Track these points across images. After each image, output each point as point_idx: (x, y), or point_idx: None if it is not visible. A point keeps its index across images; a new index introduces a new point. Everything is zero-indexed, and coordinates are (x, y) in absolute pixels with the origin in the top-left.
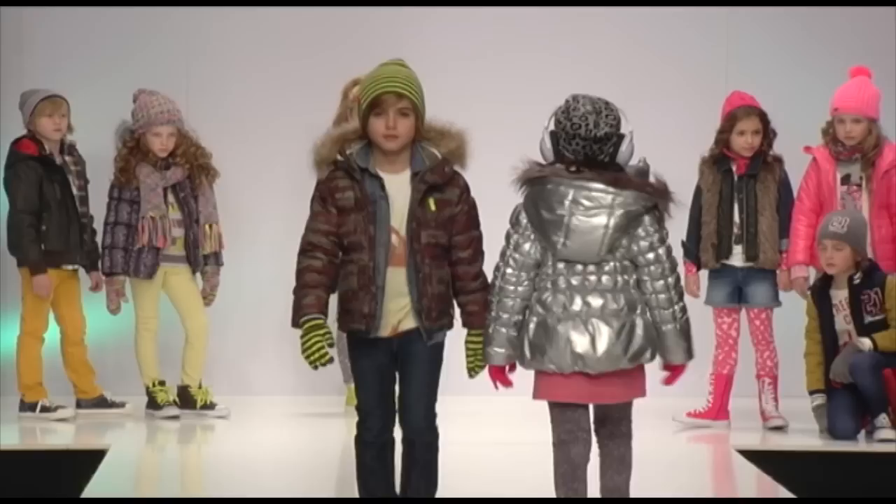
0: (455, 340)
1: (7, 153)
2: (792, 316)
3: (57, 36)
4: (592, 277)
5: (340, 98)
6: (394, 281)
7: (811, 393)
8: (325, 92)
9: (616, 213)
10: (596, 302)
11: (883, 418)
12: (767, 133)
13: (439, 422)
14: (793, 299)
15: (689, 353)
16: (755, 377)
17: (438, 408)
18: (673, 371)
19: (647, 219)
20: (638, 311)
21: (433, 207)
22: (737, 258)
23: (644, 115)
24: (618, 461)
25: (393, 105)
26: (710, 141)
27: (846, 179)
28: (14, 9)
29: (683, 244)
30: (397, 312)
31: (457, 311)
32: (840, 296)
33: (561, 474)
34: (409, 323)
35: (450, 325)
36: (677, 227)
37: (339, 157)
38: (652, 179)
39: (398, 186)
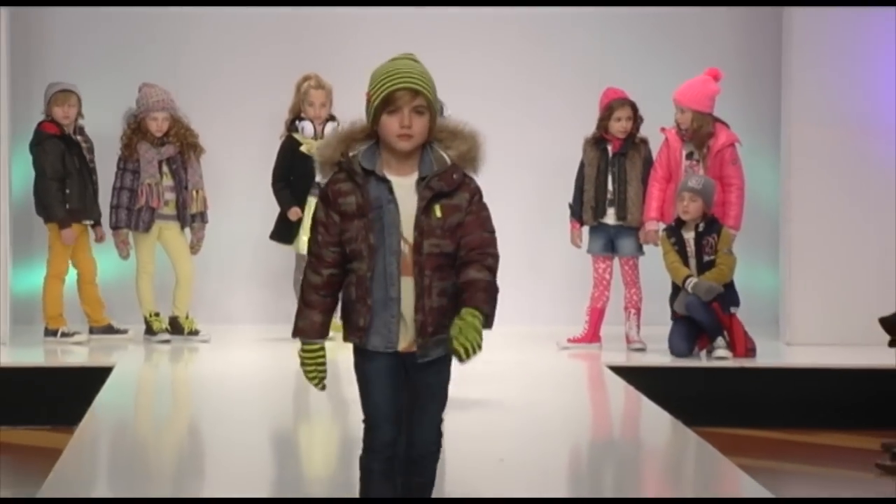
0: None
1: (33, 133)
2: (653, 264)
3: (74, 38)
4: None
5: (294, 91)
6: (408, 291)
7: (683, 282)
8: (286, 85)
9: None
10: None
11: (720, 340)
12: (637, 119)
13: None
14: (652, 251)
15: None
16: (623, 309)
17: None
18: None
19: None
20: None
21: (439, 214)
22: (610, 217)
23: (535, 103)
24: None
25: (408, 103)
26: (588, 124)
27: (690, 155)
28: (39, 12)
29: (570, 206)
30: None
31: None
32: (688, 236)
33: None
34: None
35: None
36: (566, 192)
37: (341, 159)
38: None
39: (406, 190)
